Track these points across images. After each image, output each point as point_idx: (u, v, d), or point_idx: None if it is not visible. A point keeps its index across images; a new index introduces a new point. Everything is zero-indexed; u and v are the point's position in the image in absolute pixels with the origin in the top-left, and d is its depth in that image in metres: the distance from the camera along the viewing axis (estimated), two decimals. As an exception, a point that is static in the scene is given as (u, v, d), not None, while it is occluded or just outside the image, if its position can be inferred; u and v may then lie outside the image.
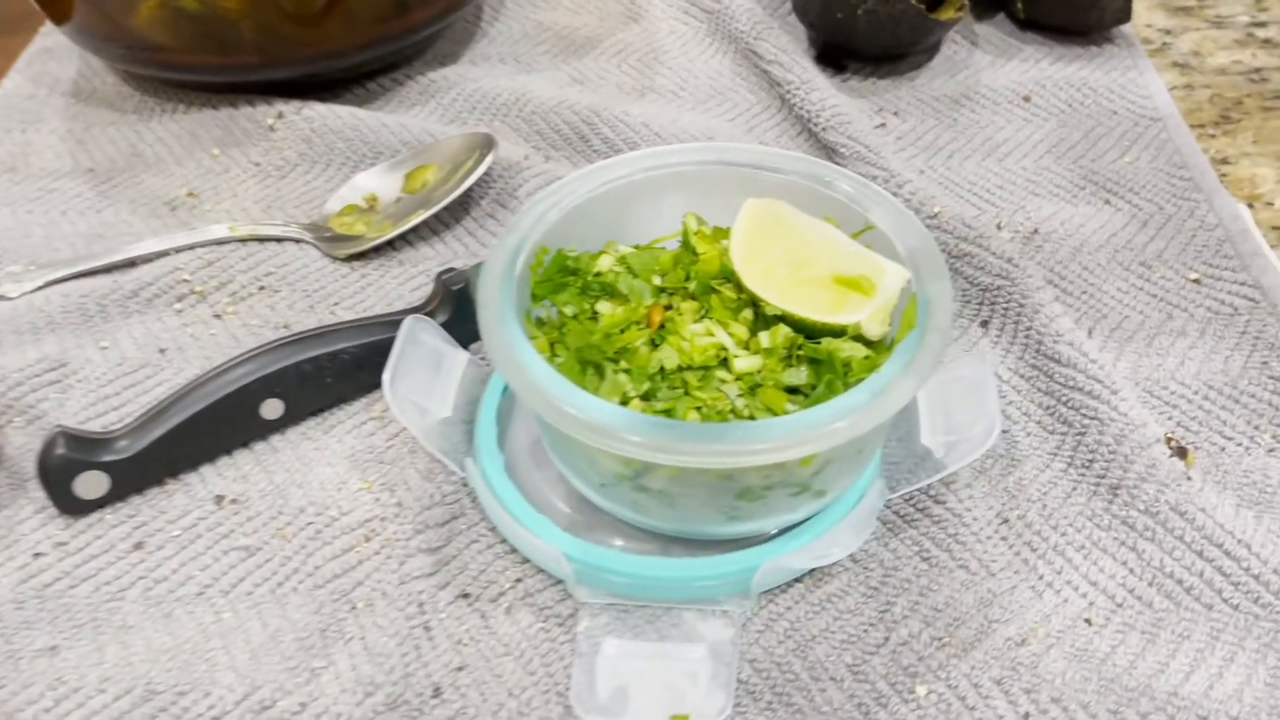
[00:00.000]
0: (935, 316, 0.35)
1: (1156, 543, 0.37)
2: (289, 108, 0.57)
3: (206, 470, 0.42)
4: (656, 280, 0.39)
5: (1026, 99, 0.58)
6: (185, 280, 0.49)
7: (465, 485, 0.41)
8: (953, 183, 0.53)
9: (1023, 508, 0.39)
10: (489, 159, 0.51)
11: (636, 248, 0.41)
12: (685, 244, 0.40)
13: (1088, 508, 0.39)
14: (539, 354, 0.35)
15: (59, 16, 0.57)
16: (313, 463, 0.42)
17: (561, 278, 0.39)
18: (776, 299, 0.37)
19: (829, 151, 0.54)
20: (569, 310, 0.38)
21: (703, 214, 0.41)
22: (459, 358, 0.42)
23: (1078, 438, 0.41)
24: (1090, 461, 0.40)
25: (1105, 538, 0.38)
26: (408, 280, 0.49)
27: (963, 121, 0.57)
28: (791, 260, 0.38)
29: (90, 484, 0.40)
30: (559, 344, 0.37)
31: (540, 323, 0.38)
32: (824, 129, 0.54)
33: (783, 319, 0.36)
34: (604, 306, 0.39)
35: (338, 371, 0.43)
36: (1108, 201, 0.51)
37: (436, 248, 0.51)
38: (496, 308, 0.36)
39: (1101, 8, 0.58)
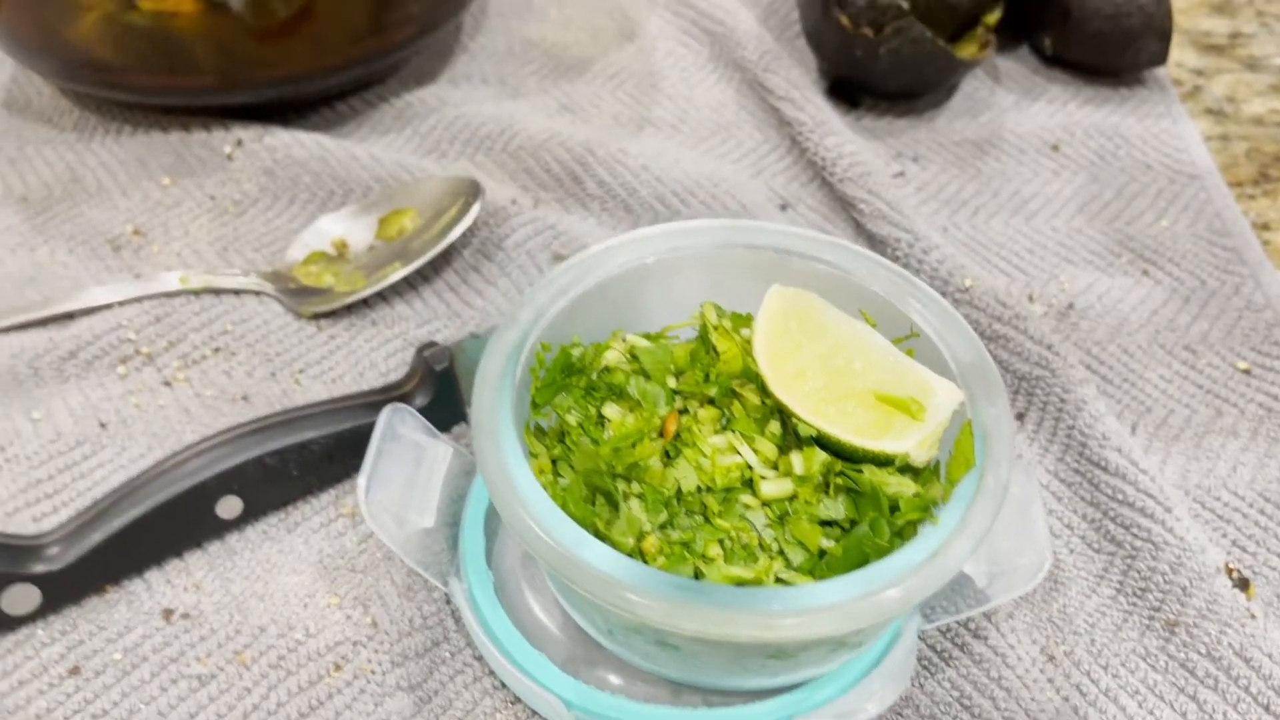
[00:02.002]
0: (994, 452, 0.31)
1: (1220, 693, 0.34)
2: (248, 134, 0.51)
3: (153, 576, 0.37)
4: (671, 382, 0.34)
5: (1055, 148, 0.53)
6: (130, 339, 0.44)
7: (449, 603, 0.36)
8: (979, 244, 0.49)
9: (1070, 642, 0.35)
10: (475, 209, 0.45)
11: (646, 337, 0.36)
12: (703, 338, 0.36)
13: (1141, 645, 0.35)
14: (540, 480, 0.30)
15: None
16: (276, 568, 0.37)
17: (564, 379, 0.34)
18: (810, 414, 0.32)
19: (846, 204, 0.50)
20: (572, 418, 0.34)
21: (719, 298, 0.37)
22: (441, 453, 0.37)
23: (1128, 560, 0.37)
24: (1143, 590, 0.36)
25: (1162, 682, 0.34)
26: (381, 344, 0.44)
27: (987, 171, 0.53)
28: (825, 367, 0.33)
29: (18, 598, 0.35)
30: (562, 461, 0.33)
31: (541, 433, 0.34)
32: (840, 180, 0.50)
33: (818, 440, 0.32)
34: (612, 411, 0.34)
35: (305, 464, 0.38)
36: (1146, 272, 0.47)
37: (414, 305, 0.46)
38: (492, 427, 0.31)
39: (1137, 49, 0.54)
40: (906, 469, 0.32)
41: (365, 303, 0.46)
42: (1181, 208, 0.50)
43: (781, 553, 0.31)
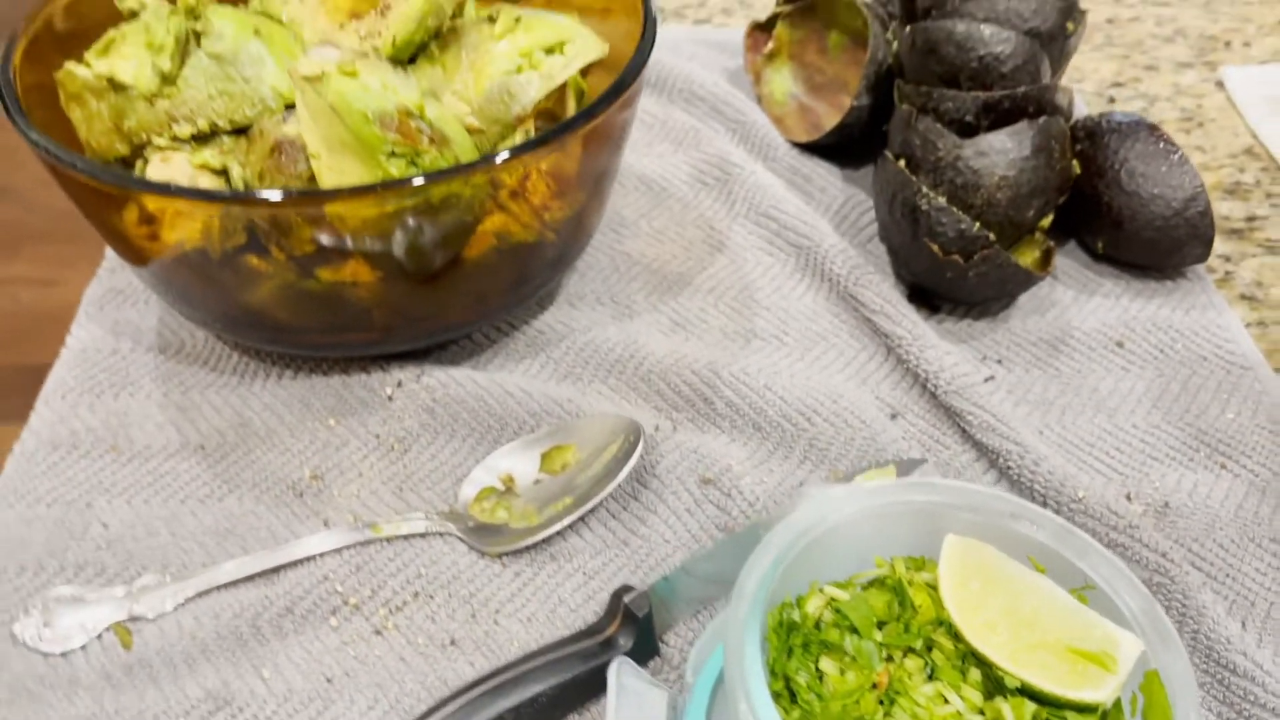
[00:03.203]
0: (1180, 703, 0.36)
1: None
2: (406, 375, 0.56)
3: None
4: (878, 636, 0.40)
5: (1120, 344, 0.60)
6: (337, 590, 0.48)
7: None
8: (1073, 445, 0.55)
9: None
10: (639, 450, 0.51)
11: (838, 585, 0.41)
12: (896, 590, 0.41)
13: (1291, 837, 0.40)
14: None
15: (136, 259, 0.54)
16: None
17: (786, 639, 0.39)
18: (1011, 664, 0.38)
19: (953, 415, 0.56)
20: (801, 678, 0.38)
21: (893, 545, 0.42)
22: (659, 697, 0.42)
23: (1267, 757, 0.42)
24: (1285, 785, 0.42)
25: None
26: (565, 579, 0.49)
27: (1065, 371, 0.59)
28: (1014, 618, 0.39)
29: None
30: (807, 721, 0.37)
31: (776, 696, 0.38)
32: (945, 392, 0.56)
33: (1022, 689, 0.37)
34: (828, 665, 0.39)
35: (535, 716, 0.43)
36: (1224, 466, 0.54)
37: (584, 536, 0.51)
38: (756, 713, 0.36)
39: (1183, 254, 0.61)
40: (1104, 716, 0.37)
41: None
42: (1242, 399, 0.57)
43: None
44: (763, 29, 0.78)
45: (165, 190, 0.45)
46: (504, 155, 0.46)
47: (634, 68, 0.52)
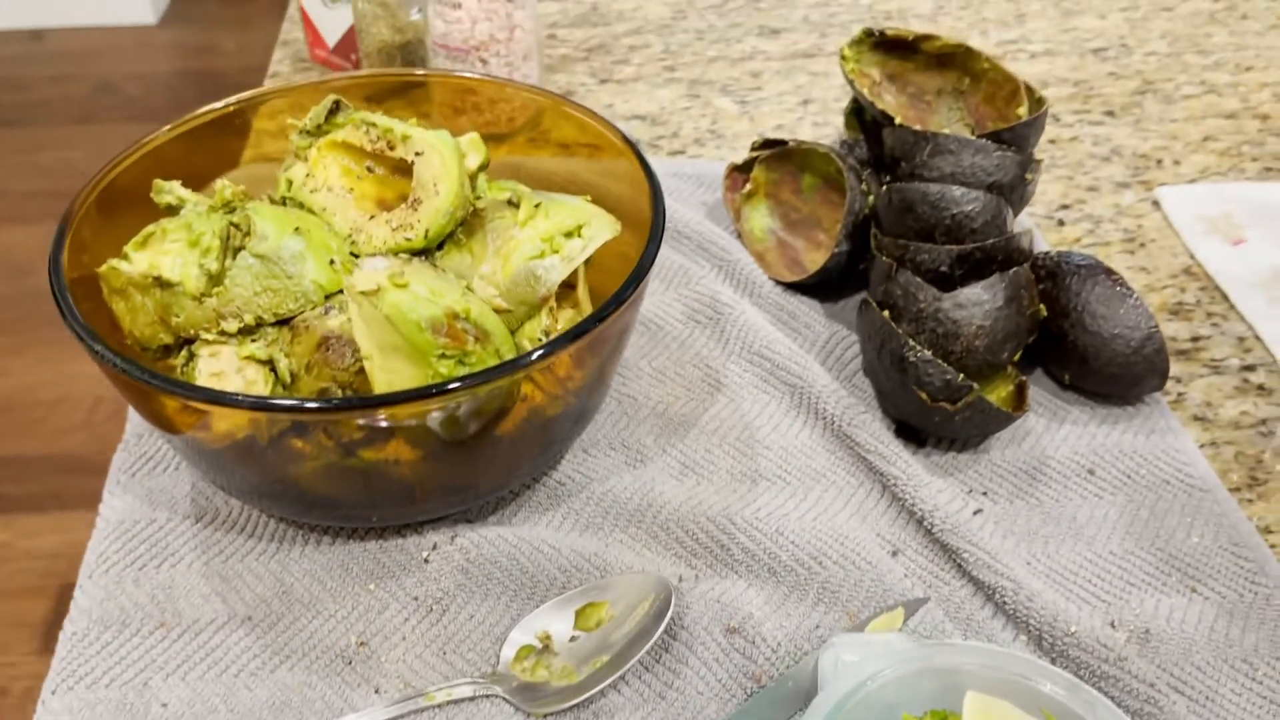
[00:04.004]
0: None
1: None
2: (440, 537, 0.60)
3: None
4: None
5: (1091, 472, 0.66)
6: (398, 761, 0.51)
7: None
8: (1057, 574, 0.60)
9: None
10: (671, 609, 0.54)
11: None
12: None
13: None
14: None
15: (182, 445, 0.57)
16: None
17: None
18: (1035, 817, 0.42)
19: (950, 552, 0.60)
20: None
21: (919, 701, 0.47)
22: None
23: None
24: None
25: None
26: (610, 736, 0.53)
27: (1045, 500, 0.64)
28: (1034, 771, 0.43)
29: None
30: None
31: None
32: (941, 530, 0.61)
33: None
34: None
35: None
36: (1194, 590, 0.59)
37: (622, 691, 0.54)
38: None
39: (1142, 386, 0.67)
40: None
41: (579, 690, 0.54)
42: (1204, 522, 0.63)
43: None
44: (740, 170, 0.84)
45: (237, 403, 0.48)
46: (542, 353, 0.50)
47: (648, 259, 0.56)
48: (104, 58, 3.49)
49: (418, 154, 0.57)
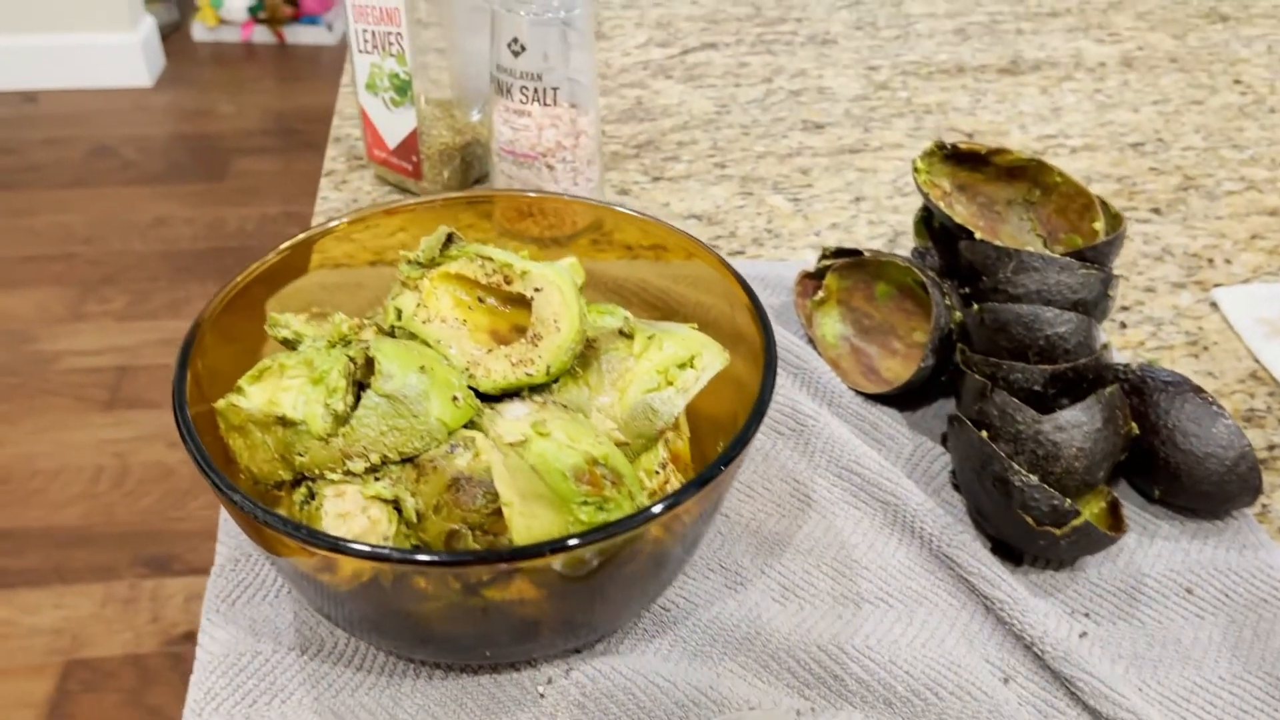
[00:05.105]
0: None
1: None
2: (555, 671, 0.59)
3: None
4: None
5: (1189, 591, 0.66)
6: None
7: None
8: (1170, 702, 0.60)
9: None
10: (801, 749, 0.54)
11: None
12: None
13: None
14: None
15: (291, 570, 0.56)
16: None
17: None
18: None
19: (1062, 679, 0.60)
20: None
21: None
22: None
23: None
24: None
25: None
26: None
27: (1147, 622, 0.65)
28: None
29: None
30: None
31: None
32: (1054, 658, 0.61)
33: None
34: None
35: None
36: (1308, 717, 0.60)
37: (752, 833, 0.54)
38: None
39: (1234, 503, 0.68)
40: None
41: (715, 840, 0.53)
42: (1307, 644, 0.63)
43: None
44: (812, 277, 0.85)
45: (386, 557, 0.48)
46: (676, 499, 0.50)
47: (766, 393, 0.57)
48: (99, 120, 3.50)
49: (537, 290, 0.57)
